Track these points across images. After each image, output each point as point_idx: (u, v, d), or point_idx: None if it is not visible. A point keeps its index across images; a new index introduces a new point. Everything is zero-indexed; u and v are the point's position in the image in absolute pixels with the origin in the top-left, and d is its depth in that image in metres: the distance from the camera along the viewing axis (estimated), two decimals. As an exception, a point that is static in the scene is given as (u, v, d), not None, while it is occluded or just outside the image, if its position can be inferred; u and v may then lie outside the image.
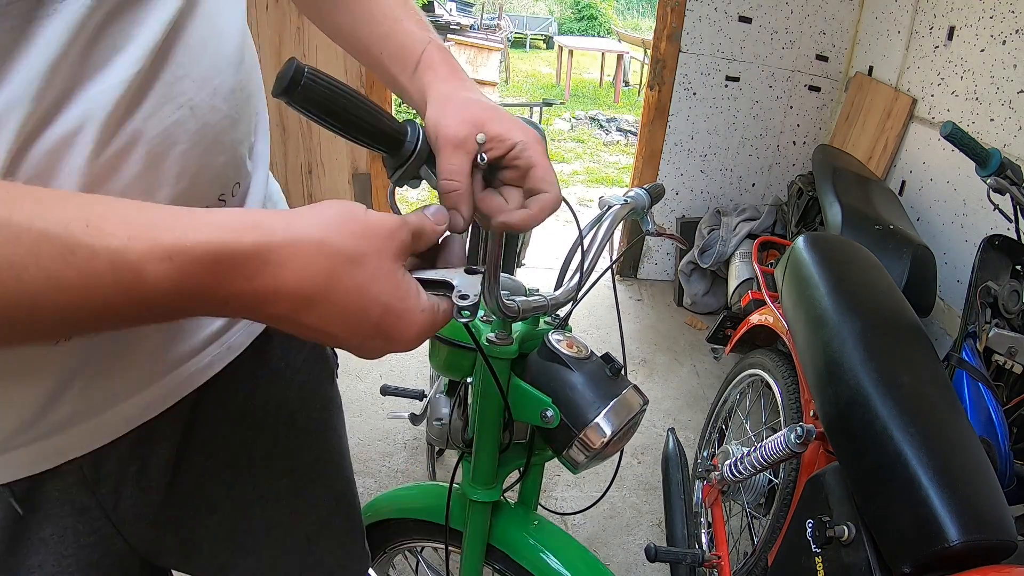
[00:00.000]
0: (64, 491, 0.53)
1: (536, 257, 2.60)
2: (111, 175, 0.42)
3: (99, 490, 0.55)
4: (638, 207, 0.89)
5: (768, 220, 2.85)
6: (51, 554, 0.54)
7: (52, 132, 0.38)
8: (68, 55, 0.38)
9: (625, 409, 0.72)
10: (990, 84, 2.08)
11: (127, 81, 0.41)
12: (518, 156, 0.54)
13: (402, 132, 0.51)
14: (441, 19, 8.64)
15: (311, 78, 0.44)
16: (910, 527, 0.79)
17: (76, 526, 0.55)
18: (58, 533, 0.54)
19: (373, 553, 1.10)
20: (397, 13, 0.61)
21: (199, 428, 0.61)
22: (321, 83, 0.45)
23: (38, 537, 0.53)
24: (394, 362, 2.51)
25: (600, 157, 5.88)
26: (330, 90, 0.46)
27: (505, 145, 0.53)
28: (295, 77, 0.43)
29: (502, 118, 0.54)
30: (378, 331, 0.42)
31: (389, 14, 0.61)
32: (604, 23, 13.53)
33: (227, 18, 0.51)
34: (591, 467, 0.75)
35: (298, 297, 0.38)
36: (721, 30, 2.84)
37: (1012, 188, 1.43)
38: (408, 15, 0.62)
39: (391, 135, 0.50)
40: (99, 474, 0.54)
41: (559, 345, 0.75)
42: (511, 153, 0.54)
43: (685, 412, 2.41)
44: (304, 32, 2.58)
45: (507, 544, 0.89)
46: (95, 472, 0.54)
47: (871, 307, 1.15)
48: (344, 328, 0.41)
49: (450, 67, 0.59)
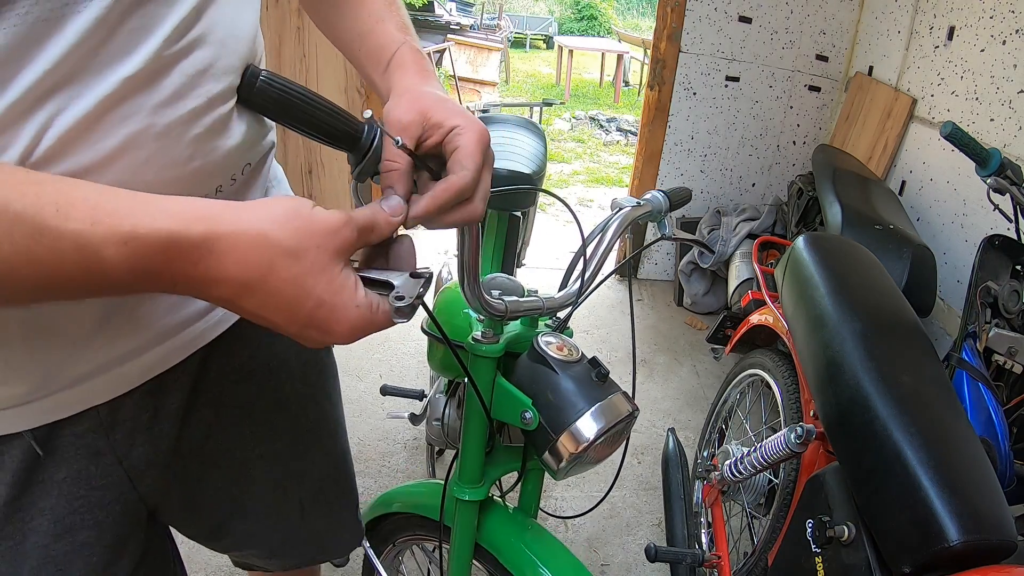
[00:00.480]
0: (80, 435, 0.57)
1: (537, 257, 2.60)
2: (123, 155, 0.46)
3: (114, 435, 0.59)
4: (654, 210, 0.87)
5: (768, 220, 2.85)
6: (63, 496, 0.57)
7: (70, 114, 0.42)
8: (88, 44, 0.42)
9: (608, 415, 0.69)
10: (990, 84, 2.08)
11: (144, 70, 0.45)
12: (451, 140, 0.54)
13: (358, 130, 0.53)
14: (441, 19, 8.63)
15: (266, 81, 0.47)
16: (910, 527, 0.79)
17: (89, 468, 0.58)
18: (71, 476, 0.57)
19: (381, 545, 1.12)
20: (381, 13, 0.64)
21: (206, 383, 0.66)
22: (275, 86, 0.48)
23: (52, 480, 0.56)
24: (394, 362, 2.51)
25: (600, 157, 5.88)
26: (284, 92, 0.48)
27: (443, 130, 0.54)
28: (250, 81, 0.46)
29: (448, 107, 0.56)
30: (311, 321, 0.45)
31: (373, 13, 0.64)
32: (604, 23, 13.54)
33: (244, 15, 0.55)
34: (576, 473, 0.73)
35: (237, 284, 0.42)
36: (721, 30, 2.84)
37: (1012, 188, 1.43)
38: (391, 16, 0.64)
39: (347, 133, 0.52)
40: (115, 419, 0.58)
41: (548, 348, 0.73)
42: (447, 138, 0.54)
43: (685, 412, 2.40)
44: (304, 32, 2.58)
45: (495, 546, 0.89)
46: (111, 417, 0.58)
47: (871, 307, 1.15)
48: (280, 316, 0.44)
49: (418, 67, 0.61)
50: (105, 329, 0.53)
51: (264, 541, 0.81)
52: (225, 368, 0.68)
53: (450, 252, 2.77)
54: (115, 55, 0.44)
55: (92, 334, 0.52)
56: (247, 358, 0.70)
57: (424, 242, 3.58)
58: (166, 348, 0.59)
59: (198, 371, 0.65)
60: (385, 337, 2.64)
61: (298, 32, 2.57)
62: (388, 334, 2.65)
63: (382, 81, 0.62)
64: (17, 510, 0.56)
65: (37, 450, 0.55)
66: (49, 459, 0.56)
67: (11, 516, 0.55)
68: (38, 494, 0.56)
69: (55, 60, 0.41)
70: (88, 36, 0.42)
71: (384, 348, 2.58)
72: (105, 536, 0.61)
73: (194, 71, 0.48)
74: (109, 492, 0.60)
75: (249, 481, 0.75)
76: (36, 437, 0.54)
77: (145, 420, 0.61)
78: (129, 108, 0.45)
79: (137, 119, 0.46)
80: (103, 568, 0.62)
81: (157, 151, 0.47)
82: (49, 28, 0.40)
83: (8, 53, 0.39)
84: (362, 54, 0.65)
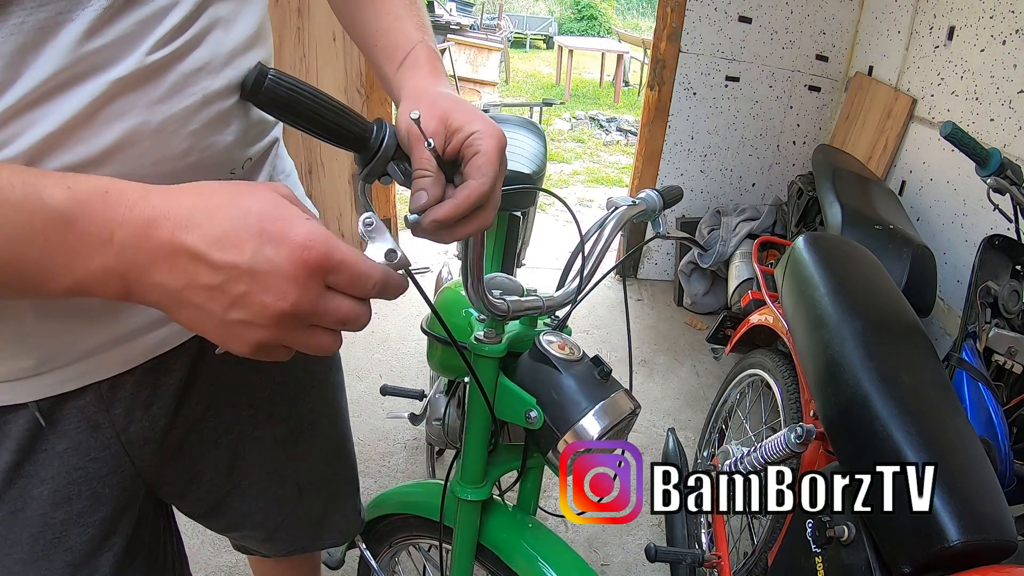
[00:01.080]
0: (81, 408, 0.59)
1: (537, 257, 2.60)
2: (121, 150, 0.46)
3: (113, 410, 0.60)
4: (649, 209, 0.88)
5: (768, 220, 2.85)
6: (63, 467, 0.59)
7: (66, 110, 0.43)
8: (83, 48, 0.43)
9: (612, 413, 0.70)
10: (990, 84, 2.08)
11: (138, 71, 0.46)
12: (471, 145, 0.54)
13: (367, 130, 0.52)
14: (441, 19, 8.63)
15: (274, 80, 0.46)
16: (910, 527, 0.79)
17: (88, 441, 0.60)
18: (72, 447, 0.59)
19: (378, 548, 1.11)
20: (400, 11, 0.64)
21: (205, 364, 0.67)
22: (284, 85, 0.47)
23: (54, 450, 0.59)
24: (394, 362, 2.51)
25: (600, 157, 5.88)
26: (293, 91, 0.47)
27: (462, 135, 0.54)
28: (258, 79, 0.45)
29: (465, 110, 0.56)
30: (261, 233, 0.40)
31: (392, 11, 0.64)
32: (604, 23, 13.54)
33: (246, 13, 0.55)
34: None
35: (178, 217, 0.39)
36: (721, 30, 2.84)
37: (1012, 188, 1.43)
38: (410, 15, 0.64)
39: (356, 133, 0.52)
40: (115, 395, 0.60)
41: (550, 347, 0.74)
42: (466, 142, 0.54)
43: (685, 412, 2.40)
44: (304, 32, 2.58)
45: (497, 545, 0.89)
46: (112, 393, 0.60)
47: (871, 307, 1.15)
48: (227, 243, 0.39)
49: (432, 67, 0.61)
50: (111, 309, 0.55)
51: (260, 523, 0.82)
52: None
53: (450, 252, 2.77)
54: (110, 58, 0.44)
55: (98, 313, 0.54)
56: None
57: (425, 241, 3.57)
58: (167, 330, 0.60)
59: (198, 353, 0.66)
60: (385, 337, 2.64)
61: (298, 32, 2.57)
62: (388, 334, 2.65)
63: (395, 78, 0.62)
64: (20, 477, 0.58)
65: (40, 421, 0.56)
66: (51, 430, 0.58)
67: (14, 482, 0.58)
68: (40, 463, 0.58)
69: (51, 66, 0.42)
70: (82, 41, 0.43)
71: (384, 348, 2.58)
72: (102, 508, 0.63)
73: (191, 69, 0.49)
74: (107, 465, 0.62)
75: (246, 462, 0.76)
76: (40, 408, 0.56)
77: (144, 397, 0.62)
78: (125, 104, 0.46)
79: (133, 115, 0.46)
80: (100, 539, 0.64)
81: (154, 146, 0.48)
82: (44, 36, 0.41)
83: (5, 60, 0.40)
84: (378, 50, 0.65)
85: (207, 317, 0.41)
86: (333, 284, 0.42)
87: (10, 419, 0.56)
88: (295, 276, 0.40)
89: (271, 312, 0.40)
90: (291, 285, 0.40)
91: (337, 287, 0.42)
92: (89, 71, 0.44)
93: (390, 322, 2.75)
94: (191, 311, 0.41)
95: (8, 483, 0.58)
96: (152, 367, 0.61)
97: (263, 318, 0.40)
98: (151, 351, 0.60)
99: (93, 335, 0.55)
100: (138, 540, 0.68)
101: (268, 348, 0.43)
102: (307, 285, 0.40)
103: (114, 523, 0.65)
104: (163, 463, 0.68)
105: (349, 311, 0.43)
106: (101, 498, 0.63)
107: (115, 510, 0.64)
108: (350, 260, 0.42)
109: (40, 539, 0.61)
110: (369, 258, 0.44)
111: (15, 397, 0.55)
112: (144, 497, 0.69)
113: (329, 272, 0.41)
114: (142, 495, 0.68)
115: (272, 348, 0.43)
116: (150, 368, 0.61)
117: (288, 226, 0.40)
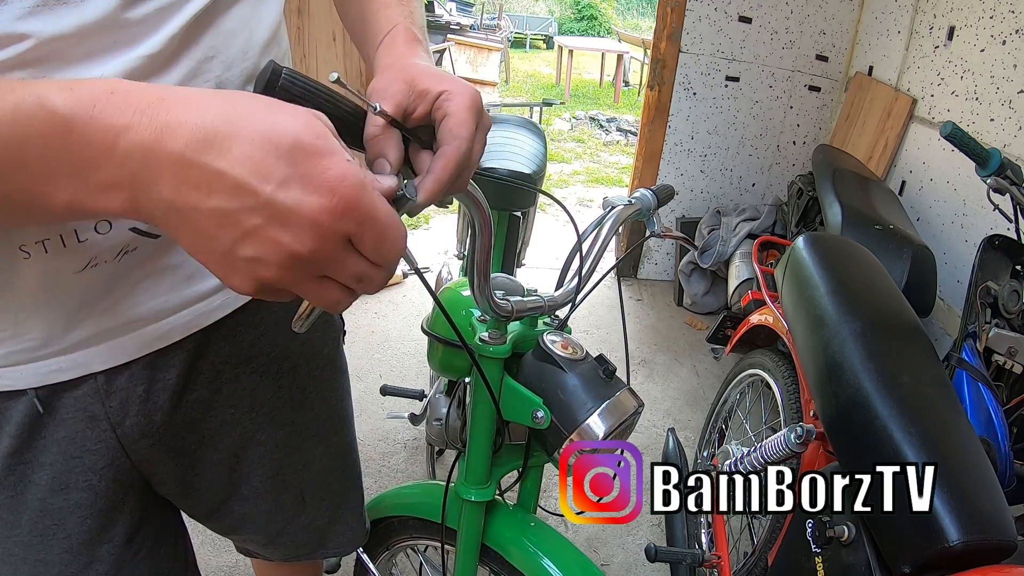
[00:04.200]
0: (79, 399, 0.60)
1: (536, 257, 2.60)
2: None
3: (109, 402, 0.61)
4: (643, 208, 0.88)
5: (768, 220, 2.85)
6: (61, 454, 0.60)
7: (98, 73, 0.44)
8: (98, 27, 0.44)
9: (617, 411, 0.71)
10: (990, 84, 2.08)
11: (161, 51, 0.47)
12: (439, 107, 0.50)
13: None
14: (441, 19, 8.63)
15: (289, 79, 0.45)
16: (910, 527, 0.79)
17: (85, 432, 0.61)
18: (69, 436, 0.60)
19: (376, 551, 1.10)
20: (390, 1, 0.64)
21: (205, 363, 0.67)
22: (299, 84, 0.46)
23: (53, 438, 0.60)
24: (394, 362, 2.51)
25: (600, 157, 5.88)
26: (308, 91, 0.46)
27: (430, 97, 0.50)
28: (272, 79, 0.44)
29: (433, 72, 0.52)
30: (293, 163, 0.36)
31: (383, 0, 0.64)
32: (604, 23, 13.54)
33: (266, 7, 0.57)
34: None
35: (197, 130, 0.35)
36: (721, 30, 2.84)
37: (1012, 188, 1.43)
38: (400, 4, 0.64)
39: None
40: (111, 387, 0.60)
41: (553, 346, 0.74)
42: (435, 104, 0.50)
43: (685, 412, 2.40)
44: (304, 32, 2.58)
45: (501, 545, 0.89)
46: (108, 385, 0.60)
47: (871, 307, 1.15)
48: (251, 165, 0.35)
49: (408, 44, 0.59)
50: (109, 295, 0.55)
51: (262, 528, 0.81)
52: (224, 351, 0.68)
53: (450, 252, 2.77)
54: (140, 33, 0.46)
55: (96, 299, 0.55)
56: (248, 344, 0.70)
57: (424, 242, 3.58)
58: (165, 325, 0.61)
59: (196, 351, 0.65)
60: (385, 337, 2.64)
61: (298, 32, 2.57)
62: (388, 334, 2.65)
63: (373, 59, 0.61)
64: (20, 462, 0.59)
65: (39, 407, 0.58)
66: (49, 418, 0.59)
67: (14, 467, 0.59)
68: (39, 449, 0.60)
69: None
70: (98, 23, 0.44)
71: (384, 348, 2.58)
72: (99, 500, 0.64)
73: (205, 57, 0.50)
74: (103, 457, 0.63)
75: (247, 466, 0.75)
76: (39, 396, 0.57)
77: (140, 392, 0.62)
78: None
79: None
80: (98, 531, 0.64)
81: None
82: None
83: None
84: (362, 36, 0.65)
85: (212, 245, 0.37)
86: (356, 242, 0.39)
87: (10, 405, 0.57)
88: (318, 221, 0.36)
89: (284, 253, 0.37)
90: (312, 230, 0.36)
91: (358, 245, 0.39)
92: (122, 43, 0.45)
93: (390, 322, 2.75)
94: (195, 236, 0.37)
95: (9, 468, 0.59)
96: (149, 362, 0.62)
97: (274, 256, 0.37)
98: (148, 346, 0.61)
99: (89, 323, 0.55)
100: (141, 536, 0.68)
101: (272, 290, 0.39)
102: (330, 233, 0.37)
103: (112, 516, 0.65)
104: (161, 460, 0.68)
105: (368, 268, 0.40)
106: (97, 490, 0.63)
107: (113, 503, 0.65)
108: (382, 219, 0.39)
109: (39, 523, 0.62)
110: (402, 224, 0.41)
111: (14, 383, 0.56)
112: (147, 494, 0.69)
113: (357, 224, 0.38)
114: (141, 491, 0.68)
115: (276, 290, 0.40)
116: (147, 363, 0.62)
117: (324, 162, 0.36)
